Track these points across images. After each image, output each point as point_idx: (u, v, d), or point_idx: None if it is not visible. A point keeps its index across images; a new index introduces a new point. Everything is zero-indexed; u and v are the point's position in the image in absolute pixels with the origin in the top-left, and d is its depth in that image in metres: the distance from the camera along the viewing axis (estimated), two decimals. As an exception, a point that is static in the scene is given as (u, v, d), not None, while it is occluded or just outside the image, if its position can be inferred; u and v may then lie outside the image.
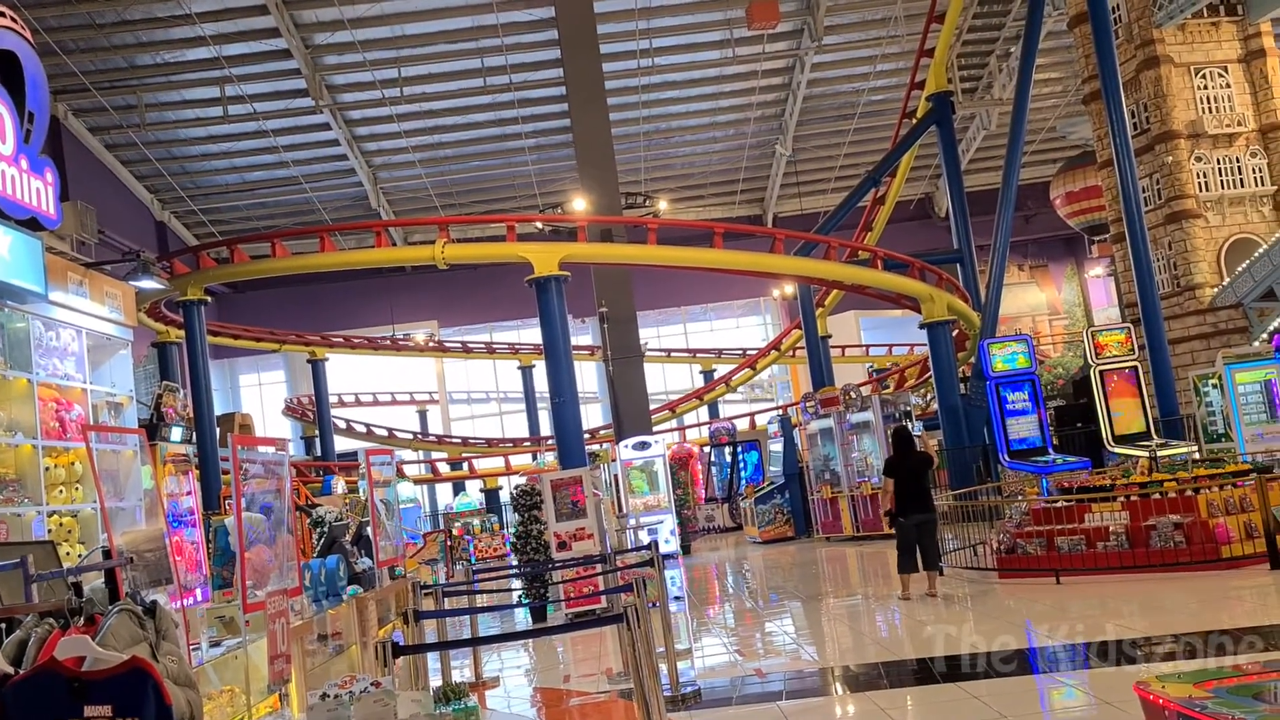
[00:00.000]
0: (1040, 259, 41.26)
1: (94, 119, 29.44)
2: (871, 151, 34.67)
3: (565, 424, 19.42)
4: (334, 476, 24.36)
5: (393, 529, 8.27)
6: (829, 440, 21.84)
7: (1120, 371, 15.20)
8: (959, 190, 26.51)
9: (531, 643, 12.18)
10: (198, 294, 20.18)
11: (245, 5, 26.22)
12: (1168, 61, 24.03)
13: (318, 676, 5.44)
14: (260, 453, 5.52)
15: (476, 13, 27.54)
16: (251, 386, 40.30)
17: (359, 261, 23.32)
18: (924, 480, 11.88)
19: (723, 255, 21.10)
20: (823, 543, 21.23)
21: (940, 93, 26.39)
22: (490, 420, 40.85)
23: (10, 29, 7.41)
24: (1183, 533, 11.04)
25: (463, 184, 36.03)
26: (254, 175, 34.26)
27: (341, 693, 3.80)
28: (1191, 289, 23.80)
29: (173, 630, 2.83)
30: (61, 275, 8.20)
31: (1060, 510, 12.09)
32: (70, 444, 8.08)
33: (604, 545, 13.32)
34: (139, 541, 4.82)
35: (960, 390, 22.47)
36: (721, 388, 34.68)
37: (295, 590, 5.49)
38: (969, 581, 12.44)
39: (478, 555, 24.93)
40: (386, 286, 35.57)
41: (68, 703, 2.37)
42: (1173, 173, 23.96)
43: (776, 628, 12.17)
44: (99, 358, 8.95)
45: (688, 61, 31.20)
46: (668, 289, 35.32)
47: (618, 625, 5.71)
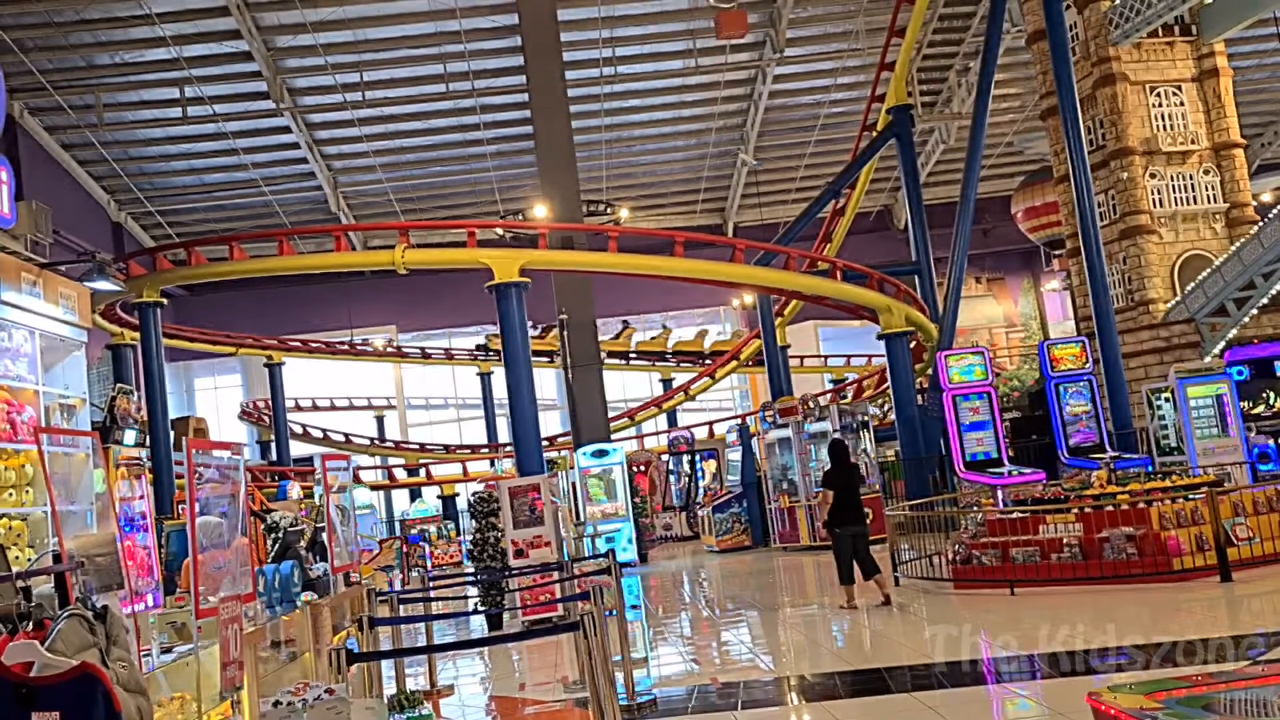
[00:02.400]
0: (997, 272, 41.75)
1: (51, 118, 28.98)
2: (832, 163, 34.93)
3: (523, 431, 19.36)
4: (289, 481, 24.10)
5: (348, 535, 8.20)
6: (787, 450, 21.93)
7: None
8: (918, 203, 26.78)
9: (487, 651, 12.11)
10: (154, 296, 19.92)
11: (206, 6, 25.97)
12: (1123, 79, 24.47)
13: (270, 684, 5.38)
14: (215, 456, 5.45)
15: (439, 19, 27.47)
16: (207, 390, 39.80)
17: (318, 265, 23.17)
18: (857, 492, 12.26)
19: (683, 264, 21.17)
20: (780, 552, 21.30)
21: (900, 106, 26.68)
22: (448, 426, 40.62)
23: (-36, 24, 7.33)
24: (1135, 545, 11.19)
25: (423, 189, 35.86)
26: (213, 177, 33.89)
27: (295, 700, 3.77)
28: (1145, 304, 24.20)
29: (124, 636, 2.79)
30: (15, 275, 8.07)
31: (1015, 521, 12.22)
32: (21, 446, 7.95)
33: (561, 553, 13.28)
34: (90, 546, 4.75)
35: (918, 401, 22.67)
36: (680, 396, 34.74)
37: (249, 596, 5.44)
38: (924, 592, 12.54)
39: (434, 562, 24.74)
40: (345, 291, 35.28)
41: (14, 709, 2.33)
42: (1128, 189, 24.38)
43: (733, 637, 12.20)
44: (52, 359, 8.82)
45: (650, 70, 31.30)
46: (628, 296, 35.33)
47: (574, 633, 5.71)
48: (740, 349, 33.46)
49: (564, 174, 22.10)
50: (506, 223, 29.55)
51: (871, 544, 12.40)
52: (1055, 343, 17.59)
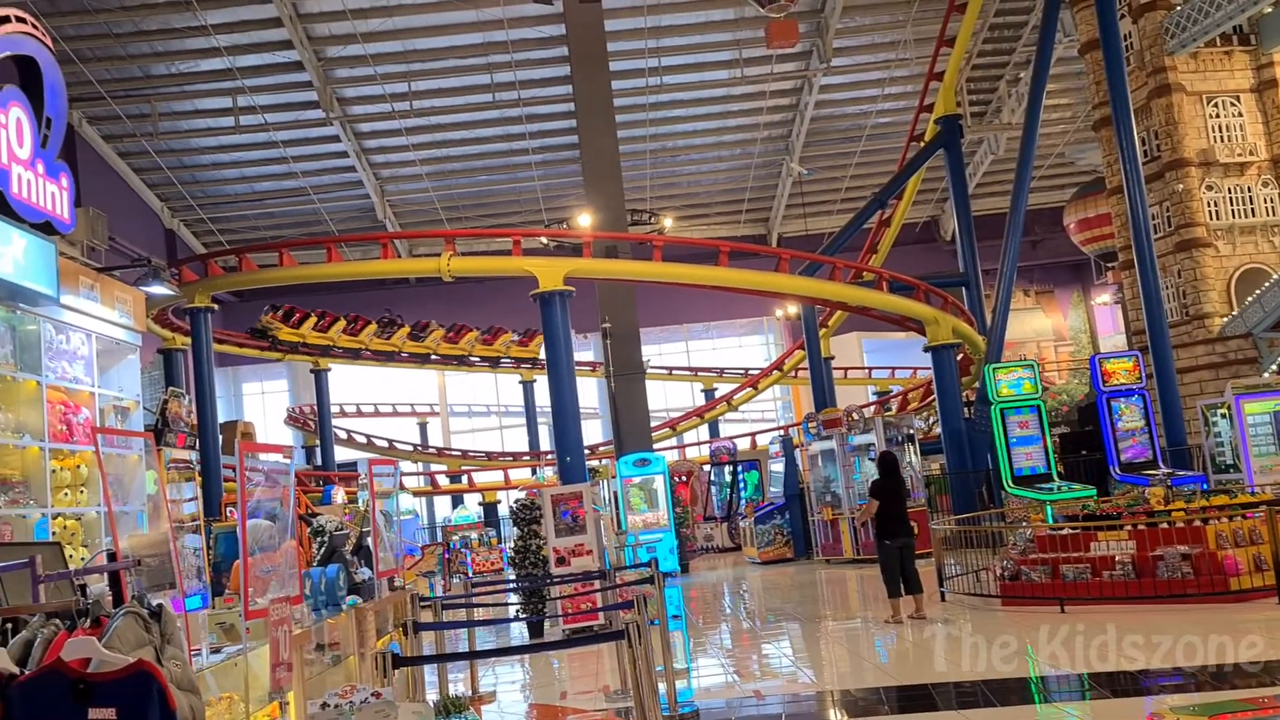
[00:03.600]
0: (1046, 284, 41.25)
1: (108, 127, 29.57)
2: (878, 173, 34.75)
3: (566, 439, 19.38)
4: (334, 486, 24.31)
5: (392, 540, 8.23)
6: (830, 461, 21.78)
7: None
8: (966, 214, 26.53)
9: (528, 658, 12.11)
10: (205, 302, 20.21)
11: (260, 18, 26.39)
12: (1179, 89, 24.07)
13: (315, 686, 5.40)
14: (265, 460, 5.49)
15: (487, 29, 27.68)
16: (254, 395, 40.31)
17: (365, 272, 23.42)
18: (905, 505, 12.36)
19: (728, 274, 21.09)
20: (822, 564, 21.14)
21: (949, 116, 26.46)
22: (490, 434, 40.80)
23: (32, 35, 7.46)
24: (1190, 564, 10.97)
25: (469, 198, 36.11)
26: (263, 185, 34.38)
27: (342, 702, 3.77)
28: (1201, 318, 23.76)
29: (178, 634, 2.81)
30: (73, 279, 8.21)
31: (1065, 538, 12.02)
32: (76, 447, 8.07)
33: (603, 562, 13.26)
34: (142, 546, 4.80)
35: (964, 415, 22.41)
36: (723, 406, 34.65)
37: (296, 598, 5.46)
38: (971, 608, 12.37)
39: (475, 569, 24.83)
40: (391, 298, 35.59)
41: (71, 704, 2.34)
42: (1183, 201, 23.96)
43: (774, 649, 12.10)
44: (107, 362, 8.95)
45: (696, 80, 31.31)
46: (671, 307, 35.32)
47: (617, 642, 5.68)
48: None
49: (609, 183, 22.14)
50: (551, 231, 29.63)
51: (917, 558, 12.29)
52: (1108, 357, 17.30)
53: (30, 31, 7.52)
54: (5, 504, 7.26)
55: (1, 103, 7.11)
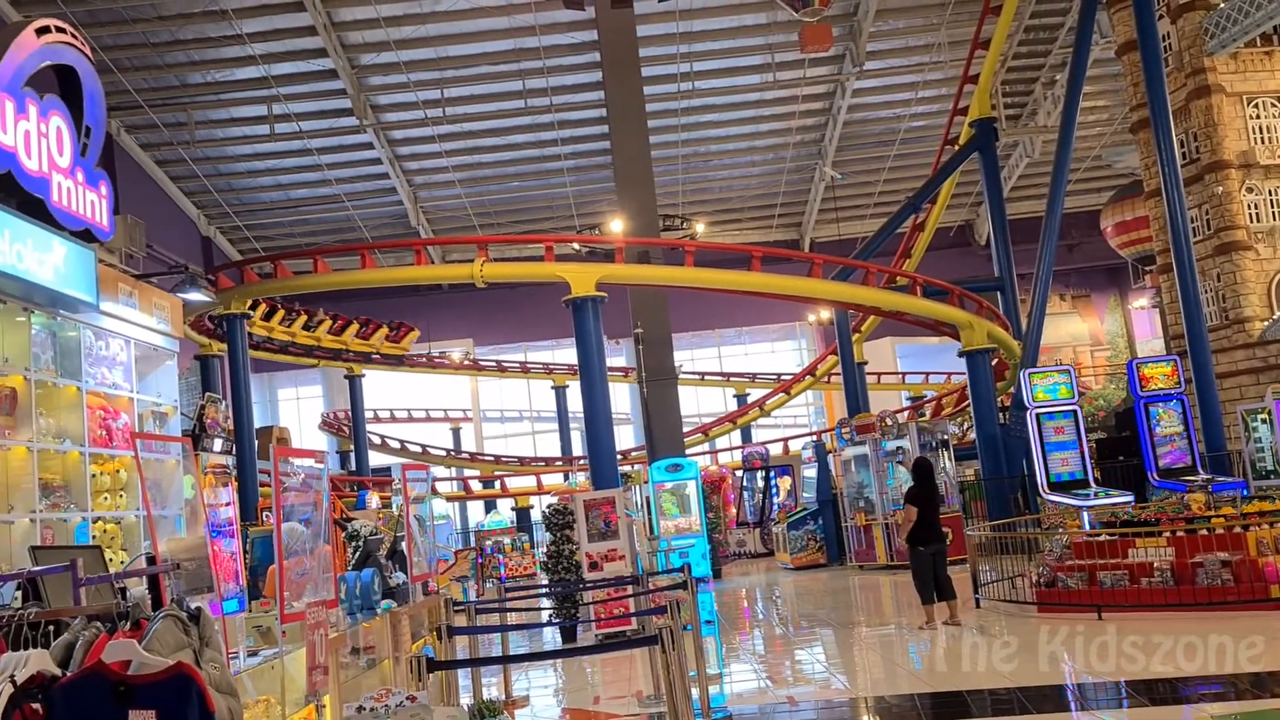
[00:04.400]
0: (1083, 289, 40.84)
1: (146, 135, 29.97)
2: (912, 177, 34.56)
3: (598, 444, 19.40)
4: (368, 491, 24.48)
5: (426, 545, 8.27)
6: (864, 467, 21.67)
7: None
8: (1001, 218, 26.31)
9: (561, 663, 12.12)
10: (241, 308, 20.40)
11: (295, 26, 26.66)
12: (1219, 90, 23.76)
13: (350, 689, 5.43)
14: (299, 465, 5.55)
15: (519, 36, 27.81)
16: (289, 400, 40.68)
17: (398, 279, 23.49)
18: (938, 511, 12.46)
19: (761, 279, 21.03)
20: (856, 570, 21.02)
21: (983, 119, 26.26)
22: (523, 439, 40.94)
23: (71, 45, 7.57)
24: (1230, 571, 10.82)
25: (501, 204, 36.26)
26: (298, 193, 34.71)
27: (378, 706, 3.80)
28: (1240, 322, 23.42)
29: (216, 637, 2.84)
30: (112, 286, 8.32)
31: (1103, 544, 11.89)
32: (116, 452, 8.17)
33: (636, 567, 13.26)
34: (180, 550, 4.85)
35: (999, 420, 22.22)
36: (755, 411, 34.55)
37: (332, 602, 5.51)
38: (1006, 615, 12.26)
39: (508, 574, 24.91)
40: (424, 304, 35.84)
41: (112, 706, 2.37)
42: (1223, 203, 23.64)
43: (808, 655, 12.05)
44: (146, 368, 9.06)
45: (728, 85, 31.29)
46: (703, 312, 35.29)
47: (650, 648, 5.68)
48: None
49: (641, 189, 22.15)
50: (583, 237, 29.70)
51: (950, 565, 12.22)
52: (1145, 361, 17.06)
53: (70, 41, 7.64)
54: (47, 508, 7.36)
55: (42, 112, 7.22)
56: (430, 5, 26.56)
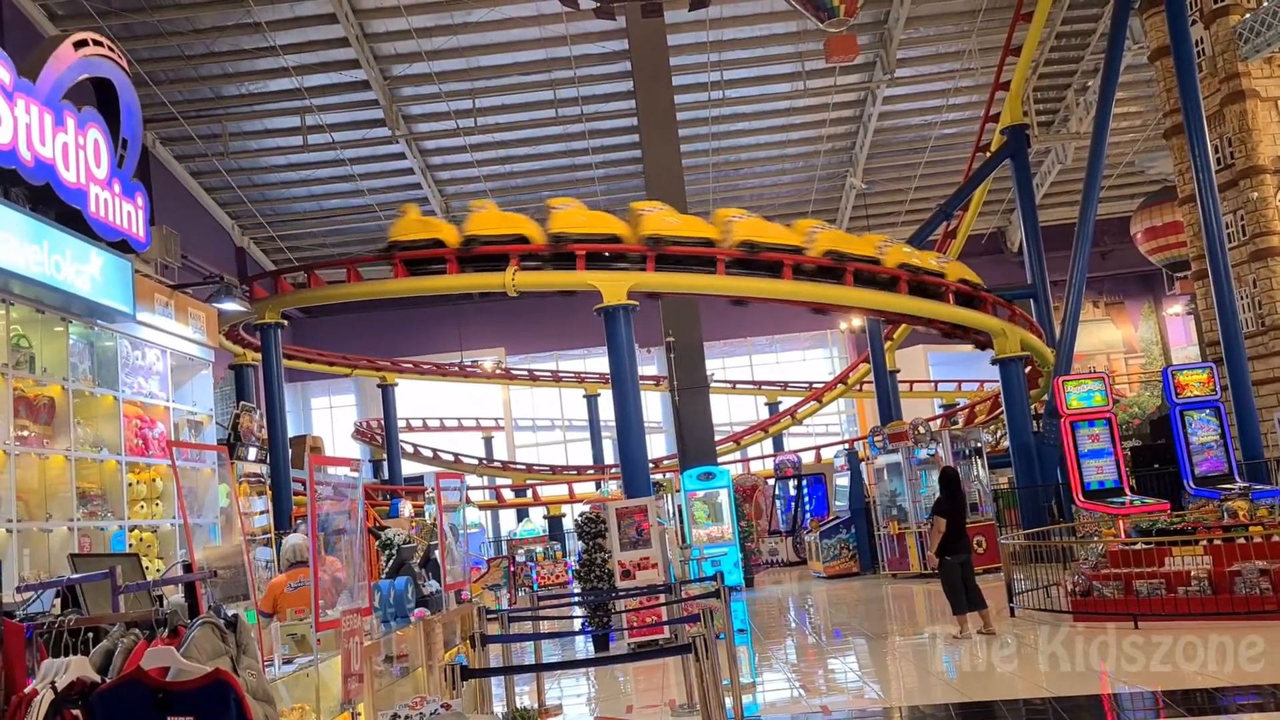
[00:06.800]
0: (1116, 296, 40.41)
1: (180, 147, 30.33)
2: (943, 185, 34.33)
3: (630, 453, 19.40)
4: (401, 500, 24.59)
5: (459, 553, 8.31)
6: (896, 475, 21.53)
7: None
8: (1033, 225, 26.10)
9: (593, 671, 12.12)
10: (275, 318, 20.58)
11: (327, 38, 26.91)
12: (1254, 95, 23.46)
13: (384, 698, 5.46)
14: (334, 474, 5.59)
15: (550, 45, 27.94)
16: (323, 409, 40.95)
17: (431, 288, 23.59)
18: (965, 520, 12.42)
19: (792, 286, 20.96)
20: (889, 579, 20.89)
21: (1015, 126, 26.09)
22: (555, 448, 41.00)
23: (108, 59, 7.68)
24: (1270, 579, 10.66)
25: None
26: (331, 203, 35.00)
27: (412, 714, 3.81)
28: (1277, 328, 23.09)
29: (252, 645, 2.87)
30: (149, 296, 8.42)
31: (1139, 553, 11.75)
32: (152, 460, 8.26)
33: (668, 575, 13.24)
34: (216, 558, 4.91)
35: (1033, 428, 22.02)
36: (787, 420, 34.42)
37: (366, 611, 5.54)
38: (1041, 624, 12.13)
39: (540, 582, 24.93)
40: (456, 314, 36.00)
41: (151, 712, 2.40)
42: (1258, 209, 23.33)
43: (840, 664, 11.98)
44: (181, 377, 9.17)
45: (758, 94, 31.26)
46: (735, 320, 35.19)
47: (683, 656, 5.67)
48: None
49: (672, 196, 22.15)
50: (614, 245, 29.72)
51: (984, 573, 12.13)
52: (1181, 368, 16.89)
53: (107, 54, 7.75)
54: (84, 516, 7.46)
55: (80, 124, 7.33)
56: (462, 16, 26.74)
